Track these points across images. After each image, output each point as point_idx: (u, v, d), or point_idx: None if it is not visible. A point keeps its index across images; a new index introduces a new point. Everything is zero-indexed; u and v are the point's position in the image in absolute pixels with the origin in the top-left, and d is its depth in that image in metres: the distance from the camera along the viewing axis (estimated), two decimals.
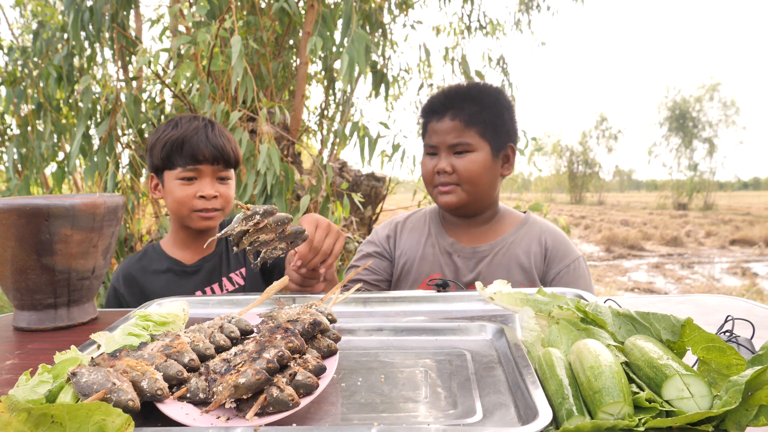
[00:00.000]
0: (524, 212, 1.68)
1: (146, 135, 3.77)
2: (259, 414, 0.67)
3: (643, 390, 0.68)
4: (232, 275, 1.68)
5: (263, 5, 3.97)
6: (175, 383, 0.73)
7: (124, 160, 3.75)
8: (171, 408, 0.69)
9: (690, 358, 0.76)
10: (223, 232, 1.10)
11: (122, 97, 3.44)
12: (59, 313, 1.21)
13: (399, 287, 1.65)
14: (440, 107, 1.53)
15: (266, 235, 1.13)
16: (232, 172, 1.64)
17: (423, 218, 1.72)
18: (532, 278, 1.53)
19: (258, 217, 1.10)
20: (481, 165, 1.50)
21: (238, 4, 3.79)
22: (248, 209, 1.10)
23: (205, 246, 1.59)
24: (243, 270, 1.70)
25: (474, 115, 1.50)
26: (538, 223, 1.63)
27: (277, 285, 1.11)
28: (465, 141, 1.49)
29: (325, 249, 1.26)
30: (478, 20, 5.37)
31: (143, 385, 0.69)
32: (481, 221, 1.62)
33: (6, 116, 4.09)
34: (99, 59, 3.83)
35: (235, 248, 1.13)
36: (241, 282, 1.68)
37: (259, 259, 1.15)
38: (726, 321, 0.87)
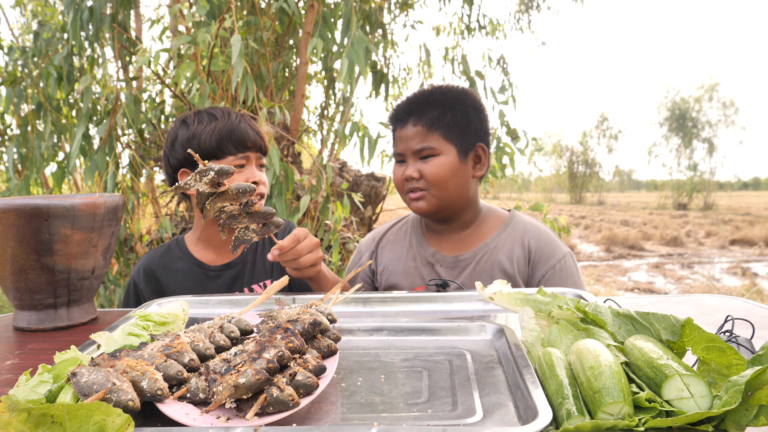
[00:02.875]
0: (509, 210, 1.66)
1: (146, 135, 3.77)
2: (259, 414, 0.67)
3: (643, 390, 0.68)
4: (254, 286, 1.64)
5: (263, 5, 3.97)
6: (175, 383, 0.73)
7: (124, 160, 3.75)
8: (171, 408, 0.69)
9: (690, 358, 0.76)
10: (176, 186, 1.06)
11: (122, 97, 3.44)
12: (59, 313, 1.21)
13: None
14: (403, 114, 1.52)
15: (231, 205, 1.12)
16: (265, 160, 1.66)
17: (404, 229, 1.70)
18: (516, 283, 1.50)
19: (212, 174, 1.06)
20: (447, 168, 1.48)
21: (238, 4, 3.79)
22: (204, 164, 1.07)
23: (231, 250, 1.55)
24: (268, 282, 1.65)
25: (436, 119, 1.49)
26: (522, 223, 1.59)
27: (277, 285, 1.11)
28: (428, 145, 1.48)
29: (300, 249, 1.32)
30: (478, 20, 5.37)
31: (143, 385, 0.69)
32: (461, 226, 1.59)
33: (6, 116, 4.09)
34: (99, 59, 3.83)
35: (202, 213, 1.12)
36: None
37: (233, 240, 1.15)
38: (726, 321, 0.87)
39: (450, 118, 1.49)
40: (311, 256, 1.35)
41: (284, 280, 1.12)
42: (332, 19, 3.69)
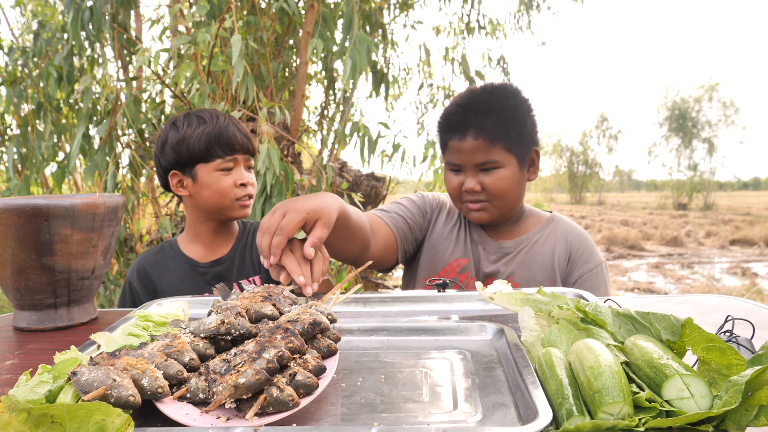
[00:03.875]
0: (550, 212, 1.67)
1: (146, 135, 3.77)
2: (259, 414, 0.67)
3: (643, 390, 0.68)
4: (243, 281, 1.67)
5: (263, 5, 3.97)
6: (175, 383, 0.73)
7: (124, 160, 3.75)
8: (171, 408, 0.69)
9: (690, 358, 0.76)
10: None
11: (122, 97, 3.44)
12: (59, 313, 1.21)
13: (424, 261, 1.62)
14: (460, 125, 1.45)
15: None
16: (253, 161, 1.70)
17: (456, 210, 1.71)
18: (554, 278, 1.52)
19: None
20: (510, 180, 1.47)
21: (238, 4, 3.78)
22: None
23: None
24: (257, 279, 1.69)
25: (497, 131, 1.43)
26: (564, 223, 1.61)
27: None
28: (492, 159, 1.44)
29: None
30: (478, 20, 5.36)
31: (143, 383, 0.69)
32: (507, 221, 1.61)
33: (6, 116, 4.09)
34: (99, 59, 3.83)
35: None
36: None
37: None
38: (726, 321, 0.87)
39: (510, 128, 1.45)
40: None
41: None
42: (332, 19, 3.69)
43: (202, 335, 0.82)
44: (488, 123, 1.43)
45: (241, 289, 1.06)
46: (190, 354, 0.78)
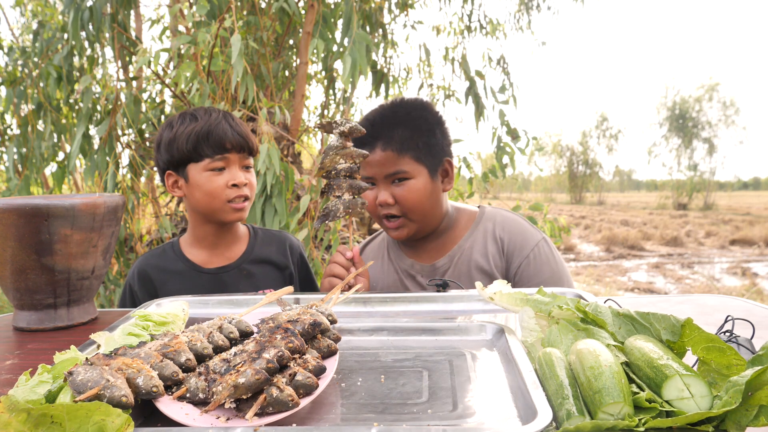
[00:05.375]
0: (478, 206, 1.65)
1: (146, 135, 3.77)
2: (259, 414, 0.67)
3: (643, 390, 0.68)
4: (251, 293, 1.62)
5: (263, 5, 3.97)
6: (170, 383, 0.73)
7: (124, 160, 3.75)
8: (171, 408, 0.69)
9: (690, 358, 0.76)
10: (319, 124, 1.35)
11: (122, 97, 3.44)
12: (59, 313, 1.21)
13: None
14: (369, 138, 1.47)
15: (344, 163, 1.31)
16: (253, 161, 1.61)
17: (380, 244, 1.70)
18: (494, 278, 1.50)
19: (348, 126, 1.30)
20: (421, 191, 1.47)
21: (238, 4, 3.78)
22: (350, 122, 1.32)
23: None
24: (268, 290, 1.65)
25: (405, 141, 1.46)
26: (491, 217, 1.59)
27: (280, 292, 1.11)
28: (401, 169, 1.45)
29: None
30: (478, 20, 5.37)
31: (138, 382, 0.69)
32: (435, 235, 1.59)
33: (6, 116, 4.09)
34: (99, 59, 3.84)
35: (321, 166, 1.31)
36: None
37: (321, 211, 1.31)
38: (726, 321, 0.87)
39: (418, 139, 1.47)
40: (367, 284, 1.39)
41: (288, 289, 1.12)
42: (332, 19, 3.69)
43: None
44: (396, 134, 1.46)
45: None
46: (187, 354, 0.78)
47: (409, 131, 1.46)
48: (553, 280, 1.48)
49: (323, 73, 4.80)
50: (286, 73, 4.46)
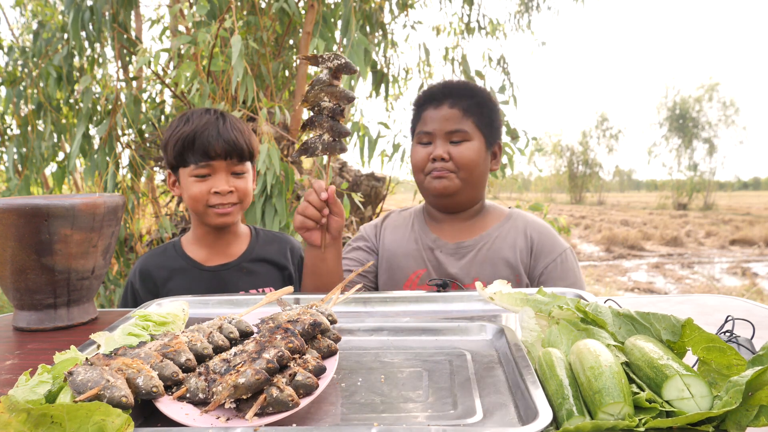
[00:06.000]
0: (509, 207, 1.69)
1: (146, 135, 3.77)
2: (259, 414, 0.67)
3: (643, 390, 0.68)
4: (252, 291, 1.62)
5: (263, 5, 3.97)
6: (170, 383, 0.73)
7: (124, 160, 3.75)
8: (171, 408, 0.69)
9: (690, 358, 0.76)
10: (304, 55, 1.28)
11: (122, 97, 3.44)
12: (59, 313, 1.21)
13: (384, 282, 1.65)
14: (439, 95, 1.56)
15: (328, 101, 1.24)
16: (247, 165, 1.59)
17: (408, 216, 1.72)
18: (518, 273, 1.52)
19: (340, 62, 1.23)
20: (477, 154, 1.52)
21: (238, 4, 3.78)
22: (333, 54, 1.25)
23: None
24: (268, 289, 1.64)
25: (471, 107, 1.53)
26: (523, 217, 1.63)
27: (280, 292, 1.11)
28: (463, 128, 1.52)
29: (342, 209, 1.39)
30: (478, 20, 5.36)
31: (138, 382, 0.69)
32: (466, 216, 1.62)
33: (6, 116, 4.09)
34: (99, 59, 3.84)
35: (306, 97, 1.25)
36: None
37: (301, 145, 1.26)
38: (726, 321, 0.87)
39: (483, 109, 1.55)
40: (342, 222, 1.38)
41: (288, 289, 1.12)
42: (332, 20, 3.69)
43: None
44: (464, 100, 1.55)
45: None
46: (187, 354, 0.78)
47: (477, 101, 1.55)
48: (575, 288, 1.50)
49: None
50: (286, 73, 4.46)
